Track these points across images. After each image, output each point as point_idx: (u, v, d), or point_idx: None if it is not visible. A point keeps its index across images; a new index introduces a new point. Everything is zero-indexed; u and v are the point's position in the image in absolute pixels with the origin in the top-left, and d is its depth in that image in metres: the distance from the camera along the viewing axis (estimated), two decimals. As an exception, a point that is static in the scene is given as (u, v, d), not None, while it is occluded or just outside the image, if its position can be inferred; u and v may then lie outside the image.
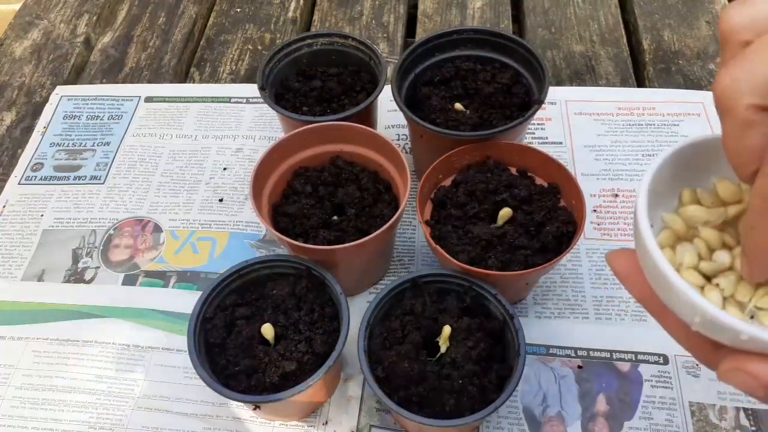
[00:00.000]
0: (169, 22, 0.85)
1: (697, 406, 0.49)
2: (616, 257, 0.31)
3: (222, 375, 0.46)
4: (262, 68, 0.61)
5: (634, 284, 0.30)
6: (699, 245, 0.28)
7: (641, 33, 0.78)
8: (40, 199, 0.67)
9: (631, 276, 0.30)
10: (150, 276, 0.60)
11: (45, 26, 0.86)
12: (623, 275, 0.31)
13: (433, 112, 0.58)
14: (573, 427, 0.49)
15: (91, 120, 0.74)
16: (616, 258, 0.31)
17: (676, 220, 0.29)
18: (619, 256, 0.31)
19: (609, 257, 0.32)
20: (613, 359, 0.52)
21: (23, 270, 0.61)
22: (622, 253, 0.31)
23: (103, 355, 0.55)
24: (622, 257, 0.31)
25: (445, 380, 0.43)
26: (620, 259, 0.31)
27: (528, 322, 0.54)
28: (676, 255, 0.29)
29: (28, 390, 0.53)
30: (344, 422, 0.50)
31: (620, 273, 0.31)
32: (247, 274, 0.50)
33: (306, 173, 0.56)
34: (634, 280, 0.30)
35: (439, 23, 0.82)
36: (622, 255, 0.31)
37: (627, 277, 0.31)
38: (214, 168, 0.68)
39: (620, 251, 0.31)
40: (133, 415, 0.51)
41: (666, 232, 0.30)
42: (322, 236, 0.51)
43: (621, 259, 0.31)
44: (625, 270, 0.31)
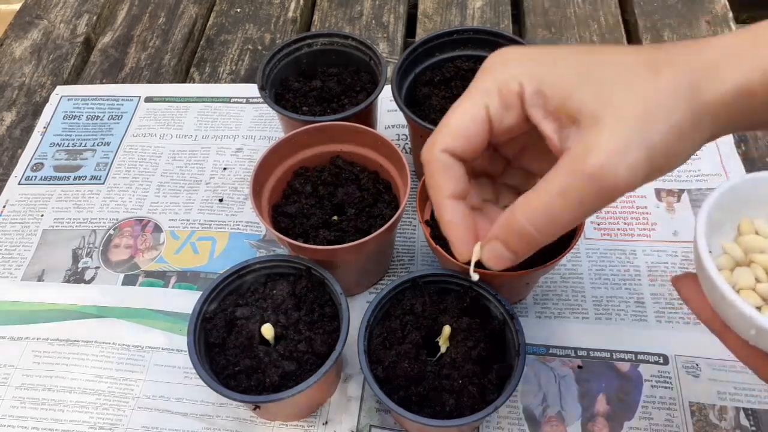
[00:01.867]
0: (169, 22, 0.85)
1: (697, 406, 0.49)
2: (681, 282, 0.34)
3: (222, 375, 0.46)
4: (262, 68, 0.61)
5: (698, 306, 0.32)
6: (756, 269, 0.32)
7: (641, 33, 0.78)
8: (40, 199, 0.67)
9: (695, 299, 0.32)
10: (150, 276, 0.60)
11: (45, 26, 0.86)
12: (688, 298, 0.33)
13: (433, 112, 0.58)
14: (573, 427, 0.49)
15: (91, 120, 0.74)
16: (681, 282, 0.34)
17: (735, 248, 0.33)
18: (683, 281, 0.34)
19: (675, 282, 0.34)
20: (613, 359, 0.52)
21: (23, 270, 0.61)
22: (686, 277, 0.33)
23: (103, 355, 0.55)
24: (686, 282, 0.33)
25: (445, 380, 0.43)
26: (685, 283, 0.33)
27: (528, 322, 0.54)
28: (733, 277, 0.32)
29: (27, 390, 0.53)
30: (344, 422, 0.50)
31: (685, 296, 0.33)
32: (247, 274, 0.50)
33: (306, 173, 0.56)
34: (697, 303, 0.32)
35: (439, 23, 0.82)
36: (686, 279, 0.33)
37: (692, 300, 0.33)
38: (214, 168, 0.68)
39: (684, 276, 0.34)
40: (133, 415, 0.51)
41: (725, 257, 0.33)
42: (322, 236, 0.51)
43: (685, 284, 0.33)
44: (690, 293, 0.33)
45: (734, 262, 0.33)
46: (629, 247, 0.59)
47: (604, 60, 0.30)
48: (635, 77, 0.28)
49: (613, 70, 0.29)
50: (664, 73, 0.28)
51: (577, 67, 0.29)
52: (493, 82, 0.31)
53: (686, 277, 0.33)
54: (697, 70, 0.29)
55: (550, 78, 0.30)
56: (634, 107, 0.28)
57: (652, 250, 0.58)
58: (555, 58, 0.30)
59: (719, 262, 0.33)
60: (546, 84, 0.30)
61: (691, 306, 0.33)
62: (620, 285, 0.56)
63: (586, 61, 0.30)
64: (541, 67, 0.30)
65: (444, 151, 0.32)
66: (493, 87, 0.31)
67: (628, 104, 0.28)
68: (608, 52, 0.31)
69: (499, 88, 0.31)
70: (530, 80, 0.30)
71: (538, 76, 0.30)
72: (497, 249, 0.32)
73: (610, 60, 0.30)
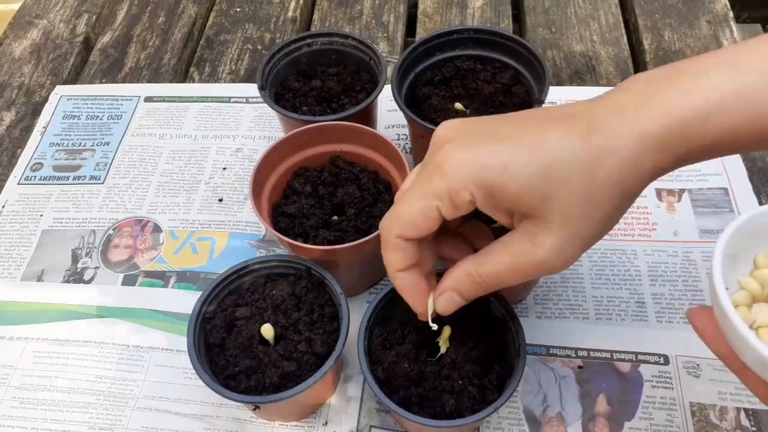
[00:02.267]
0: (168, 22, 0.85)
1: (698, 406, 0.49)
2: (696, 316, 0.33)
3: (222, 375, 0.46)
4: (262, 68, 0.61)
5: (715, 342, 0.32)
6: None
7: (642, 32, 0.78)
8: (39, 199, 0.67)
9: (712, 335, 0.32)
10: (149, 276, 0.60)
11: (44, 26, 0.86)
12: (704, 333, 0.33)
13: (433, 112, 0.58)
14: (573, 428, 0.49)
15: (91, 120, 0.74)
16: (697, 316, 0.33)
17: (751, 283, 0.32)
18: (699, 315, 0.33)
19: (690, 316, 0.34)
20: (613, 359, 0.52)
21: (23, 270, 0.61)
22: (703, 311, 0.33)
23: (103, 355, 0.55)
24: (702, 316, 0.33)
25: (445, 381, 0.43)
26: (701, 317, 0.33)
27: (528, 322, 0.54)
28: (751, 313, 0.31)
29: (27, 390, 0.53)
30: (344, 422, 0.50)
31: (701, 331, 0.33)
32: (247, 274, 0.50)
33: (306, 173, 0.56)
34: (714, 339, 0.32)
35: (439, 23, 0.82)
36: (702, 314, 0.33)
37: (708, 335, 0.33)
38: (214, 168, 0.68)
39: (700, 309, 0.33)
40: (133, 415, 0.51)
41: (742, 293, 0.32)
42: (322, 236, 0.51)
43: (702, 318, 0.33)
44: (706, 328, 0.33)
45: (751, 297, 0.32)
46: (630, 247, 0.59)
47: (550, 160, 0.32)
48: (576, 177, 0.32)
49: (557, 173, 0.32)
50: (599, 168, 0.32)
51: (526, 172, 0.32)
52: (445, 188, 0.33)
53: (702, 311, 0.33)
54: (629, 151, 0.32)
55: (500, 185, 0.32)
56: (575, 209, 0.32)
57: (653, 250, 0.58)
58: (505, 162, 0.32)
59: (736, 298, 0.32)
60: (496, 191, 0.33)
61: (707, 342, 0.33)
62: (621, 285, 0.56)
63: (534, 164, 0.32)
64: (491, 173, 0.32)
65: (397, 237, 0.36)
66: (444, 193, 0.33)
67: (570, 207, 0.32)
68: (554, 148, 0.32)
69: (451, 195, 0.33)
70: (481, 190, 0.33)
71: (488, 184, 0.33)
72: (452, 297, 0.38)
73: (555, 159, 0.32)
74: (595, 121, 0.33)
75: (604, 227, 0.34)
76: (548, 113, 0.35)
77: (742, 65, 0.32)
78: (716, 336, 0.31)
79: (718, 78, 0.32)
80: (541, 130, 0.33)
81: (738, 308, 0.30)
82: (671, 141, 0.32)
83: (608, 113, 0.33)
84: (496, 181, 0.32)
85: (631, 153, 0.32)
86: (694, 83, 0.32)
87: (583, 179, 0.32)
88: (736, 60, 0.32)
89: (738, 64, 0.32)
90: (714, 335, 0.32)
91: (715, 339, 0.32)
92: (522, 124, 0.35)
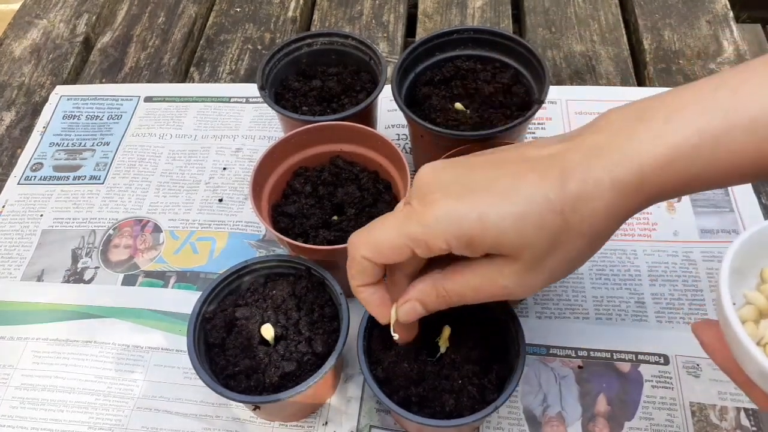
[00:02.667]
0: (168, 22, 0.85)
1: (698, 406, 0.49)
2: (702, 330, 0.33)
3: (222, 375, 0.46)
4: (262, 68, 0.61)
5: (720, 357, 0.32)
6: None
7: (642, 32, 0.78)
8: (39, 199, 0.67)
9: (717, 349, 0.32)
10: (149, 276, 0.60)
11: (44, 26, 0.86)
12: (709, 347, 0.33)
13: (433, 112, 0.58)
14: (573, 428, 0.49)
15: (91, 120, 0.74)
16: (702, 330, 0.33)
17: (758, 298, 0.32)
18: (705, 328, 0.33)
19: (695, 329, 0.34)
20: (613, 359, 0.52)
21: (22, 270, 0.61)
22: (708, 324, 0.33)
23: (103, 355, 0.55)
24: (707, 330, 0.33)
25: (445, 380, 0.43)
26: (706, 331, 0.33)
27: (528, 322, 0.54)
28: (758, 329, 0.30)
29: (27, 390, 0.53)
30: (344, 423, 0.50)
31: (706, 345, 0.33)
32: (247, 275, 0.50)
33: (306, 173, 0.56)
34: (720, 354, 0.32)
35: (439, 23, 0.82)
36: (708, 327, 0.33)
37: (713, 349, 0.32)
38: (214, 168, 0.68)
39: (705, 323, 0.33)
40: (133, 415, 0.51)
41: (748, 308, 0.32)
42: (322, 236, 0.51)
43: (707, 332, 0.33)
44: (712, 343, 0.32)
45: (758, 312, 0.31)
46: (630, 247, 0.59)
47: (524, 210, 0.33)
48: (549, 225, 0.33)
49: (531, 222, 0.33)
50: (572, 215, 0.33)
51: (502, 225, 0.33)
52: (422, 236, 0.34)
53: (707, 324, 0.33)
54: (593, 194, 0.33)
55: (478, 238, 0.34)
56: (545, 252, 0.34)
57: (653, 250, 0.58)
58: (482, 217, 0.33)
59: (742, 313, 0.31)
60: (473, 242, 0.34)
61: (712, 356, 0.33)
62: (621, 285, 0.56)
63: (510, 217, 0.33)
64: (469, 228, 0.33)
65: (364, 258, 0.37)
66: (421, 240, 0.35)
67: (541, 251, 0.34)
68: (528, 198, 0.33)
69: (427, 242, 0.35)
70: (457, 241, 0.34)
71: (465, 237, 0.34)
72: (415, 307, 0.38)
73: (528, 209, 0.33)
74: (568, 168, 0.33)
75: (572, 267, 0.36)
76: (523, 156, 0.36)
77: (710, 106, 0.33)
78: (722, 350, 0.31)
79: (685, 121, 0.33)
80: (516, 179, 0.34)
81: (745, 324, 0.30)
82: (643, 187, 0.33)
83: (581, 158, 0.33)
84: (473, 235, 0.34)
85: (603, 200, 0.33)
86: (662, 127, 0.33)
87: (556, 226, 0.33)
88: (703, 99, 0.33)
89: (705, 105, 0.33)
90: (719, 349, 0.32)
91: (720, 353, 0.32)
92: (498, 171, 0.35)
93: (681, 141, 0.32)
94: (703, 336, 0.33)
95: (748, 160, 0.32)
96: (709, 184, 0.34)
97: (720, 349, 0.31)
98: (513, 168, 0.35)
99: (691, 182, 0.33)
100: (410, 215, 0.35)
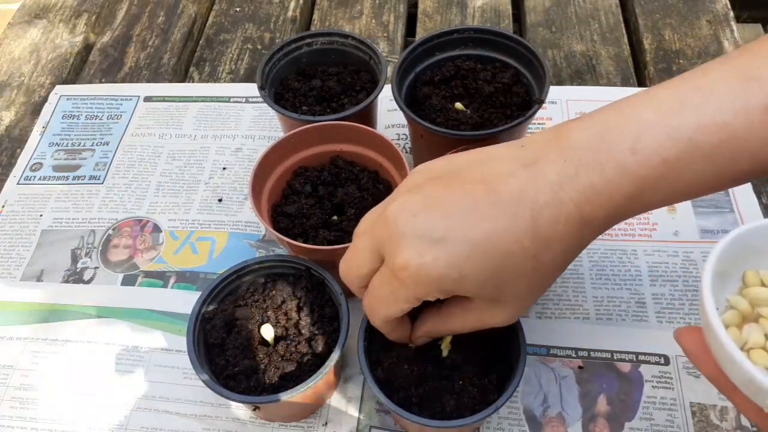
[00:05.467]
0: (168, 22, 0.85)
1: (698, 406, 0.49)
2: (684, 335, 0.33)
3: (221, 376, 0.46)
4: (262, 67, 0.61)
5: (703, 363, 0.32)
6: (765, 324, 0.30)
7: (642, 32, 0.78)
8: (39, 199, 0.66)
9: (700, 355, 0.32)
10: (149, 276, 0.60)
11: (44, 26, 0.86)
12: (692, 353, 0.33)
13: (434, 112, 0.57)
14: (574, 428, 0.49)
15: (90, 120, 0.74)
16: (684, 336, 0.33)
17: (741, 302, 0.31)
18: (687, 335, 0.33)
19: (677, 335, 0.34)
20: (613, 360, 0.52)
21: (22, 270, 0.61)
22: (690, 330, 0.33)
23: (103, 355, 0.55)
24: (690, 335, 0.33)
25: (446, 381, 0.43)
26: (688, 337, 0.33)
27: (529, 322, 0.54)
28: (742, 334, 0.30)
29: (27, 390, 0.53)
30: (344, 423, 0.50)
31: (689, 351, 0.33)
32: (247, 275, 0.50)
33: (306, 173, 0.56)
34: (703, 359, 0.32)
35: (439, 22, 0.82)
36: (690, 333, 0.33)
37: (696, 355, 0.32)
38: (214, 168, 0.68)
39: (688, 329, 0.33)
40: (133, 415, 0.51)
41: (731, 312, 0.31)
42: (322, 236, 0.51)
43: (689, 337, 0.33)
44: (694, 348, 0.32)
45: (741, 317, 0.31)
46: (630, 247, 0.59)
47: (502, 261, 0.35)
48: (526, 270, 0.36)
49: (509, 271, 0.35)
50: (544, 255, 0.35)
51: (481, 277, 0.35)
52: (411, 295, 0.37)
53: (689, 330, 0.33)
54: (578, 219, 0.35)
55: (459, 290, 0.36)
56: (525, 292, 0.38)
57: (653, 250, 0.58)
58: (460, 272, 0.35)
59: (726, 318, 0.31)
60: (456, 293, 0.37)
61: (695, 362, 0.33)
62: (621, 285, 0.56)
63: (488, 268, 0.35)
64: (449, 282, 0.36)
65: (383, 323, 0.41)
66: (412, 298, 0.37)
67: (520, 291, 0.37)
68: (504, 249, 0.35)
69: (417, 298, 0.37)
70: (441, 294, 0.37)
71: (447, 290, 0.36)
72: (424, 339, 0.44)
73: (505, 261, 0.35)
74: (538, 210, 0.35)
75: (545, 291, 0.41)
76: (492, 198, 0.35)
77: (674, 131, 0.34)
78: (705, 356, 0.31)
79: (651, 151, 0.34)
80: (489, 228, 0.35)
81: (729, 329, 0.30)
82: (609, 219, 0.36)
83: (549, 196, 0.35)
84: (455, 287, 0.36)
85: (572, 236, 0.35)
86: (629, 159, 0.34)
87: (532, 270, 0.36)
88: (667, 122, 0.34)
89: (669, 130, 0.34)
90: (702, 355, 0.31)
91: (703, 359, 0.31)
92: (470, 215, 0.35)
93: (648, 173, 0.34)
94: (686, 342, 0.33)
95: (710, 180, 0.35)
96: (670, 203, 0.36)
97: (703, 355, 0.31)
98: (487, 212, 0.35)
99: (654, 206, 0.36)
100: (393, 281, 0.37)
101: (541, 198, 0.35)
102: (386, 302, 0.39)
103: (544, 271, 0.37)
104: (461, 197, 0.36)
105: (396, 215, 0.37)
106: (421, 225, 0.36)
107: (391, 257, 0.37)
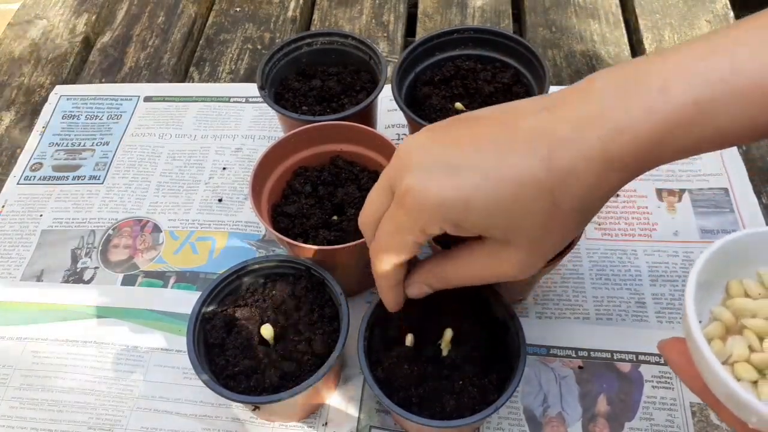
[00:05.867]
0: (168, 22, 0.85)
1: (698, 406, 0.49)
2: (669, 348, 0.32)
3: (221, 375, 0.46)
4: (262, 67, 0.61)
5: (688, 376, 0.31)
6: (749, 336, 0.29)
7: (642, 32, 0.78)
8: (39, 199, 0.66)
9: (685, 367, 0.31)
10: (149, 276, 0.60)
11: (44, 26, 0.86)
12: (677, 365, 0.32)
13: (434, 112, 0.57)
14: (574, 428, 0.49)
15: (90, 120, 0.74)
16: (669, 349, 0.32)
17: (725, 312, 0.30)
18: (672, 347, 0.32)
19: (662, 347, 0.33)
20: (613, 360, 0.52)
21: (22, 270, 0.61)
22: (675, 342, 0.32)
23: (102, 355, 0.55)
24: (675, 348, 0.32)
25: (446, 381, 0.43)
26: (673, 350, 0.32)
27: (528, 322, 0.54)
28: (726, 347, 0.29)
29: (27, 390, 0.53)
30: (344, 423, 0.50)
31: (673, 363, 0.32)
32: (247, 275, 0.50)
33: (306, 173, 0.56)
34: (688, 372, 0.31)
35: (439, 22, 0.82)
36: (675, 346, 0.32)
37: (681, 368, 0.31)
38: (214, 168, 0.68)
39: (672, 340, 0.32)
40: (132, 415, 0.51)
41: (715, 324, 0.30)
42: (322, 236, 0.51)
43: (674, 351, 0.32)
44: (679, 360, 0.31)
45: (725, 329, 0.30)
46: (630, 247, 0.59)
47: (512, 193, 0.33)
48: (539, 207, 0.33)
49: (520, 206, 0.33)
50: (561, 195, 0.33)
51: (489, 209, 0.33)
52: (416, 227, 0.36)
53: (674, 343, 0.32)
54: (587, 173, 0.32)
55: (466, 221, 0.34)
56: (539, 234, 0.35)
57: (653, 250, 0.58)
58: (467, 200, 0.33)
59: (709, 330, 0.30)
60: (463, 225, 0.35)
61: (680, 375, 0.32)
62: (621, 285, 0.56)
63: (497, 200, 0.33)
64: (455, 212, 0.34)
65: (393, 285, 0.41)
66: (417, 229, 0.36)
67: (534, 234, 0.34)
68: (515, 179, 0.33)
69: (422, 230, 0.36)
70: (447, 224, 0.35)
71: (453, 221, 0.35)
72: (422, 288, 0.41)
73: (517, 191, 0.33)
74: (556, 144, 0.32)
75: (565, 241, 0.37)
76: (507, 127, 0.34)
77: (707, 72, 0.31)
78: (689, 369, 0.30)
79: (681, 90, 0.31)
80: (501, 158, 0.33)
81: (712, 342, 0.29)
82: (636, 161, 0.32)
83: (570, 132, 0.32)
84: (461, 218, 0.34)
85: (594, 175, 0.32)
86: (657, 98, 0.31)
87: (547, 208, 0.33)
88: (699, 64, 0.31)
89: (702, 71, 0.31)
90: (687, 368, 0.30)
91: (688, 372, 0.30)
92: (484, 147, 0.34)
93: (678, 113, 0.31)
94: (670, 354, 0.32)
95: (746, 126, 0.31)
96: (702, 151, 0.33)
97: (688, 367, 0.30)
98: (499, 146, 0.34)
99: (685, 152, 0.32)
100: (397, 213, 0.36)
101: (560, 133, 0.33)
102: (391, 239, 0.37)
103: (561, 214, 0.33)
104: (476, 133, 0.35)
105: (408, 148, 0.36)
106: (431, 156, 0.35)
107: (398, 187, 0.35)
